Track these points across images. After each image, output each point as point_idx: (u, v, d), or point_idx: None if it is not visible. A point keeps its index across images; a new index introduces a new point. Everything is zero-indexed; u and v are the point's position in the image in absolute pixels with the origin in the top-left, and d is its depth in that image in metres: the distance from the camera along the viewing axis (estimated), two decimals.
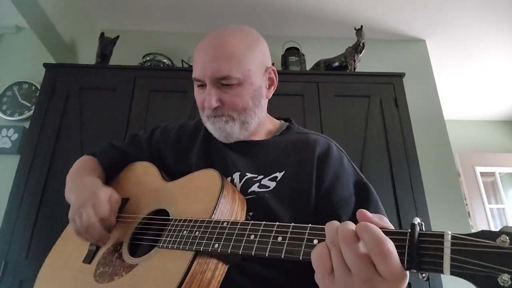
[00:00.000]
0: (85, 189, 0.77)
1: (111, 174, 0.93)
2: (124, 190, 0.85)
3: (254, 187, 0.73)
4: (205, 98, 0.75)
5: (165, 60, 2.06)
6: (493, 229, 0.68)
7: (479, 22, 2.28)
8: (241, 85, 0.75)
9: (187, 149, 0.86)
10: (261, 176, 0.75)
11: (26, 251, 1.49)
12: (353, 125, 1.79)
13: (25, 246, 1.50)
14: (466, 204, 3.02)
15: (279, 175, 0.74)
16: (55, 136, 1.70)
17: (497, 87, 2.97)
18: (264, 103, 0.82)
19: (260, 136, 0.84)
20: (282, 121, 0.91)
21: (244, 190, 0.73)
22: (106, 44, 2.00)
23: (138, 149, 0.93)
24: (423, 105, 2.26)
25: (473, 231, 0.38)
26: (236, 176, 0.76)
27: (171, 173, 0.83)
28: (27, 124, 2.02)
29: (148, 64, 2.03)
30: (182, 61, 2.09)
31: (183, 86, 1.81)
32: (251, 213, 0.70)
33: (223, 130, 0.77)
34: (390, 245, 0.38)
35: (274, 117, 0.92)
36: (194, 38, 2.37)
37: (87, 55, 2.19)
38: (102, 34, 2.02)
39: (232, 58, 0.73)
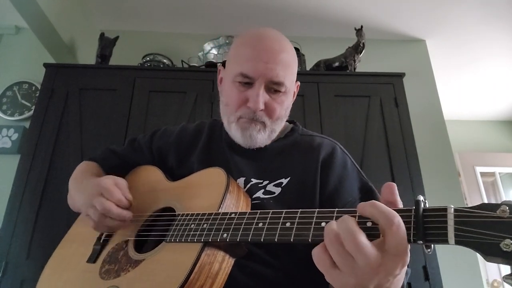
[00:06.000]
0: (88, 187, 0.75)
1: None
2: None
3: (259, 193, 0.72)
4: (251, 97, 0.72)
5: (165, 60, 2.06)
6: None
7: (479, 22, 2.28)
8: (285, 94, 0.76)
9: (188, 153, 0.86)
10: (266, 182, 0.74)
11: (27, 251, 1.49)
12: (353, 125, 1.79)
13: (25, 246, 1.50)
14: (466, 204, 3.00)
15: (284, 181, 0.74)
16: (55, 136, 1.70)
17: (497, 87, 2.96)
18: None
19: None
20: (287, 123, 0.91)
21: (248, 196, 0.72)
22: (106, 45, 2.00)
23: (139, 153, 0.93)
24: (423, 105, 2.27)
25: None
26: (241, 181, 0.75)
27: (173, 175, 0.83)
28: (27, 124, 2.02)
29: (148, 64, 2.03)
30: (182, 61, 2.09)
31: (183, 87, 1.80)
32: None
33: (253, 138, 0.75)
34: (399, 217, 0.40)
35: None
36: (194, 38, 2.38)
37: (87, 56, 2.19)
38: (102, 34, 2.02)
39: (288, 66, 0.74)
